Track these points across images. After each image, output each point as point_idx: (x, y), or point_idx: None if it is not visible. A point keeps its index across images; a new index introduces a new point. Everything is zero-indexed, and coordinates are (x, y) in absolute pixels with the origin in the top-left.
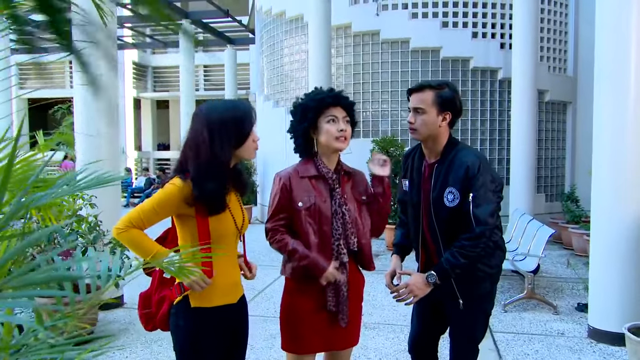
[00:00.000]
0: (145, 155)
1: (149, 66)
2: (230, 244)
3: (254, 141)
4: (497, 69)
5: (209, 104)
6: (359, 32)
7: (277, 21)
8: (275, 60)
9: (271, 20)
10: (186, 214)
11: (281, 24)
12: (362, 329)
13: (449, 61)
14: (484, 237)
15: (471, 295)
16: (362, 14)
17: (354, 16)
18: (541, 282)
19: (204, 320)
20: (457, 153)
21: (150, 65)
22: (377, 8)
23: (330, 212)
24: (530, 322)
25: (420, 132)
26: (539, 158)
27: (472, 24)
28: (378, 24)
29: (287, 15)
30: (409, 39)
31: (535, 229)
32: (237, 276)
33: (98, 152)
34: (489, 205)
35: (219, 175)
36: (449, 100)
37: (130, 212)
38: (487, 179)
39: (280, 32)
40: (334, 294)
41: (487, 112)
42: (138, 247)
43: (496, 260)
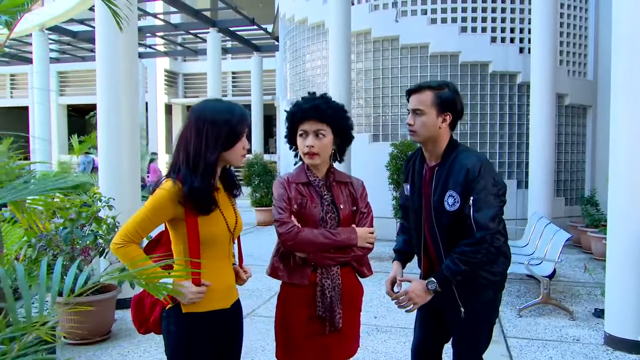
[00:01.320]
0: None
1: (180, 73)
2: (222, 248)
3: (243, 148)
4: (516, 73)
5: (202, 103)
6: (379, 38)
7: (300, 28)
8: (297, 66)
9: (294, 27)
10: (177, 217)
11: (303, 31)
12: (375, 332)
13: (468, 66)
14: (486, 242)
15: (473, 304)
16: (382, 20)
17: (374, 22)
18: (558, 287)
19: (196, 326)
20: (457, 155)
21: (181, 72)
22: (396, 14)
23: (319, 217)
24: (545, 328)
25: (420, 134)
26: (559, 162)
27: (491, 28)
28: (397, 29)
29: (309, 22)
30: (428, 44)
31: (552, 233)
32: (230, 281)
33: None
34: (490, 209)
35: (204, 172)
36: (449, 101)
37: (125, 224)
38: (488, 182)
39: (302, 38)
40: (321, 298)
41: (506, 116)
42: (132, 264)
43: (499, 268)
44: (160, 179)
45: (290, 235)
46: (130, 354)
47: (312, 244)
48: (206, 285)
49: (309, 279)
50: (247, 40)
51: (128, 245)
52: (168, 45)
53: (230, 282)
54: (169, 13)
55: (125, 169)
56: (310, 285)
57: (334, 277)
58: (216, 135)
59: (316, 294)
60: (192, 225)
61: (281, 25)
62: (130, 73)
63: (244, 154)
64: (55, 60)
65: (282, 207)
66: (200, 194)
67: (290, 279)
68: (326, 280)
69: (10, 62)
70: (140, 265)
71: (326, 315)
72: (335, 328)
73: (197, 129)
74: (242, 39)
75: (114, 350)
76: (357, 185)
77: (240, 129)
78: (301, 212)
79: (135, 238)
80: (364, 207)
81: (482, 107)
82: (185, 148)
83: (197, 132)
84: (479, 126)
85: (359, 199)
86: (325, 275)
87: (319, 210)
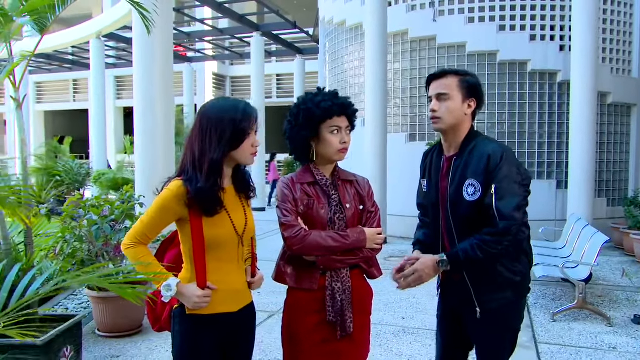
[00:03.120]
0: None
1: (227, 76)
2: (229, 250)
3: (252, 146)
4: (556, 71)
5: (211, 102)
6: (416, 38)
7: (338, 30)
8: (336, 67)
9: (333, 30)
10: (183, 218)
11: (342, 33)
12: (401, 333)
13: (506, 64)
14: (510, 234)
15: (490, 305)
16: (419, 20)
17: (411, 23)
18: (596, 291)
19: (199, 328)
20: (477, 144)
21: (229, 75)
22: (433, 14)
23: (327, 218)
24: (580, 334)
25: (445, 120)
26: (601, 162)
27: (530, 26)
28: (434, 29)
29: (347, 24)
30: (465, 43)
31: (590, 235)
32: (239, 284)
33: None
34: (514, 198)
35: (209, 172)
36: (475, 86)
37: (135, 225)
38: (512, 170)
39: (341, 40)
40: (332, 303)
41: (546, 115)
42: (140, 265)
43: (521, 267)
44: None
45: (297, 239)
46: (158, 348)
47: (321, 247)
48: (211, 289)
49: (318, 283)
50: (290, 44)
51: (136, 246)
52: (216, 49)
53: (239, 285)
54: (216, 18)
55: (160, 169)
56: (319, 290)
57: (344, 280)
58: (220, 134)
59: (326, 298)
60: (197, 227)
61: (321, 28)
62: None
63: (254, 152)
64: (112, 65)
65: (287, 210)
66: (204, 194)
67: (299, 284)
68: (336, 283)
69: (72, 68)
70: (146, 266)
71: (337, 320)
72: (347, 333)
73: (201, 128)
74: (286, 43)
75: (143, 344)
76: (363, 184)
77: (246, 127)
78: (308, 214)
79: (143, 239)
80: (371, 207)
81: (520, 107)
82: (191, 148)
83: (201, 132)
84: (517, 126)
85: (366, 198)
86: (335, 279)
87: (327, 211)
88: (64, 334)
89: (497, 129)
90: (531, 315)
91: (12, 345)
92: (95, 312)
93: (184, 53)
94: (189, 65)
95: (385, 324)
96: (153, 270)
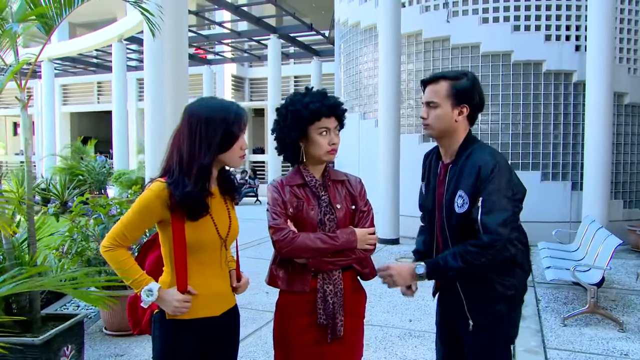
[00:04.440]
0: None
1: (246, 78)
2: (211, 254)
3: (241, 149)
4: (572, 71)
5: (197, 101)
6: (430, 39)
7: (353, 31)
8: (350, 68)
9: (348, 31)
10: (165, 220)
11: (356, 34)
12: (407, 336)
13: (521, 65)
14: (493, 248)
15: (483, 318)
16: (433, 21)
17: (425, 23)
18: (610, 294)
19: (180, 333)
20: (472, 153)
21: (247, 77)
22: (447, 15)
23: (317, 220)
24: (591, 339)
25: (434, 128)
26: (617, 163)
27: (545, 26)
28: (448, 30)
29: (361, 25)
30: (479, 43)
31: (603, 238)
32: (221, 287)
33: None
34: (501, 213)
35: (198, 176)
36: (465, 91)
37: (114, 226)
38: (501, 183)
39: (355, 41)
40: (323, 305)
41: (561, 115)
42: (119, 269)
43: (514, 281)
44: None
45: (286, 242)
46: None
47: (310, 249)
48: (192, 294)
49: (310, 285)
50: (307, 46)
51: (115, 248)
52: (235, 52)
53: (222, 289)
54: (234, 21)
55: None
56: (311, 292)
57: (336, 282)
58: (211, 136)
59: (317, 301)
60: (178, 230)
61: (337, 29)
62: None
63: (243, 154)
64: (134, 68)
65: (276, 212)
66: (192, 199)
67: (290, 287)
68: (328, 285)
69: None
70: (128, 271)
71: (328, 322)
72: (337, 336)
73: (190, 129)
74: (303, 45)
75: (147, 344)
76: (354, 183)
77: (237, 129)
78: (298, 216)
79: (123, 241)
80: (363, 206)
81: (535, 107)
82: (178, 149)
83: (191, 133)
84: (532, 126)
85: (357, 198)
86: (327, 281)
87: (317, 213)
88: (64, 333)
89: (511, 130)
90: (541, 319)
91: (11, 344)
92: (103, 311)
93: (203, 56)
94: (209, 67)
95: (391, 326)
96: (133, 274)
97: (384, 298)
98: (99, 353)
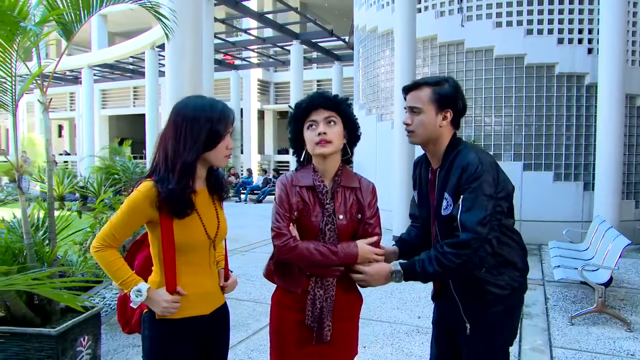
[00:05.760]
0: (266, 158)
1: (271, 82)
2: (200, 254)
3: (227, 148)
4: (584, 74)
5: (184, 100)
6: (445, 43)
7: (371, 36)
8: (368, 72)
9: (366, 36)
10: (154, 220)
11: (374, 39)
12: (414, 333)
13: (533, 68)
14: (469, 247)
15: (480, 320)
16: (448, 26)
17: (440, 28)
18: (618, 294)
19: (169, 332)
20: (457, 155)
21: (272, 81)
22: (462, 19)
23: (318, 228)
24: (598, 339)
25: (419, 135)
26: (629, 164)
27: (557, 30)
28: (463, 34)
29: (379, 30)
30: (493, 47)
31: (612, 237)
32: (210, 286)
33: None
34: (480, 211)
35: (181, 173)
36: (448, 96)
37: (104, 227)
38: (484, 182)
39: (373, 46)
40: (311, 308)
41: (573, 117)
42: (108, 270)
43: (509, 279)
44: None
45: (286, 249)
46: None
47: (307, 260)
48: (181, 294)
49: (303, 286)
50: (328, 51)
51: (105, 249)
52: (261, 57)
53: (211, 288)
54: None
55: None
56: (303, 293)
57: (328, 287)
58: (196, 135)
59: (307, 302)
60: (167, 229)
61: (356, 35)
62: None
63: (228, 154)
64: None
65: (280, 215)
66: (176, 196)
67: (285, 285)
68: (319, 290)
69: (132, 76)
70: (118, 272)
71: (314, 325)
72: (323, 341)
73: (175, 127)
74: (324, 50)
75: None
76: (365, 191)
77: (222, 128)
78: (301, 221)
79: (112, 241)
80: (370, 217)
81: (547, 109)
82: (164, 148)
83: (176, 131)
84: (544, 128)
85: (366, 208)
86: (318, 285)
87: (319, 221)
88: (80, 324)
89: (524, 131)
90: (549, 318)
91: (28, 334)
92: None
93: (231, 61)
94: (236, 72)
95: (399, 323)
96: (122, 275)
97: (395, 294)
98: (117, 343)
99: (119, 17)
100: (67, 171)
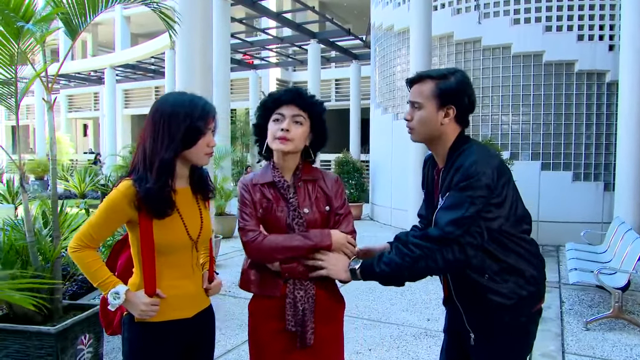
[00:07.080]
0: None
1: (290, 81)
2: (182, 256)
3: (208, 146)
4: (605, 71)
5: (165, 96)
6: (461, 40)
7: (387, 35)
8: (384, 70)
9: (382, 35)
10: (133, 220)
11: (390, 37)
12: (422, 336)
13: (552, 65)
14: (434, 242)
15: (485, 331)
16: (464, 23)
17: (456, 26)
18: (638, 298)
19: (148, 335)
20: (459, 156)
21: (291, 80)
22: (478, 17)
23: (285, 223)
24: (614, 345)
25: (418, 131)
26: None
27: (577, 26)
28: (479, 31)
29: (395, 28)
30: (511, 44)
31: (631, 240)
32: (193, 289)
33: None
34: (457, 211)
35: (159, 171)
36: (451, 91)
37: (81, 227)
38: (473, 184)
39: (389, 44)
40: (293, 311)
41: (593, 116)
42: (85, 271)
43: (513, 288)
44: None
45: (255, 244)
46: None
47: (280, 247)
48: (160, 297)
49: (281, 290)
50: (346, 50)
51: (82, 249)
52: (279, 57)
53: (193, 290)
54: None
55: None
56: (281, 298)
57: (308, 287)
58: (174, 131)
59: (286, 306)
60: (146, 230)
61: (372, 33)
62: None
63: (209, 152)
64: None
65: (247, 214)
66: (154, 195)
67: (262, 290)
68: (299, 291)
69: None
70: (96, 273)
71: (297, 329)
72: (307, 345)
73: (153, 124)
74: (342, 49)
75: None
76: (330, 182)
77: (202, 125)
78: (266, 217)
79: (90, 242)
80: (339, 208)
81: (567, 107)
82: (143, 145)
83: (154, 128)
84: (564, 127)
85: (333, 199)
86: (298, 286)
87: (285, 215)
88: (81, 322)
89: (543, 130)
90: (564, 322)
91: (29, 332)
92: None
93: (250, 61)
94: (254, 72)
95: (407, 325)
96: (100, 276)
97: (405, 295)
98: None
99: (141, 18)
100: (90, 169)
